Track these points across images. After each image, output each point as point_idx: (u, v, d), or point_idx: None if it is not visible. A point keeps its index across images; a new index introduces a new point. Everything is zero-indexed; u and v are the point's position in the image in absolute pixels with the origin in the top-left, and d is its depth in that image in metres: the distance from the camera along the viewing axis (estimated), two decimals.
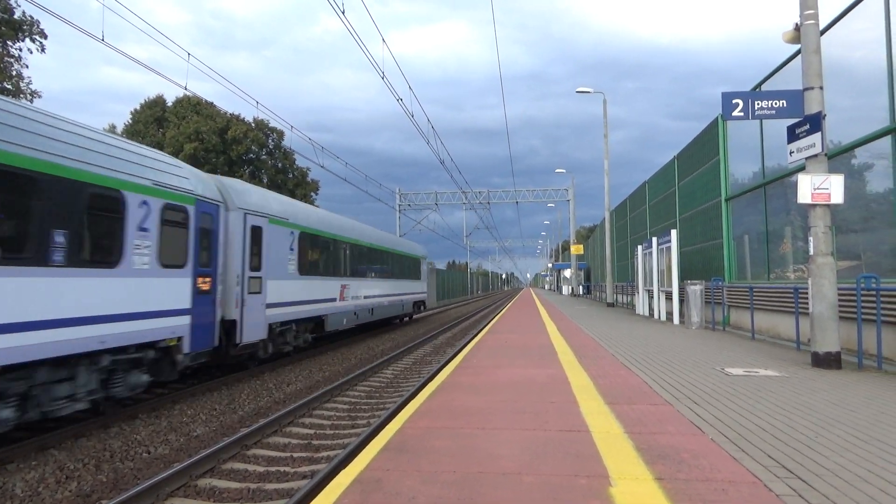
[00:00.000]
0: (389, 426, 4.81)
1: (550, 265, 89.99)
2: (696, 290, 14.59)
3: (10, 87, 27.80)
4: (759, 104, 8.59)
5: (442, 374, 7.57)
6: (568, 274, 55.40)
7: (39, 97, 29.44)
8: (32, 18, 27.95)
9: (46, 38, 28.70)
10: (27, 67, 29.02)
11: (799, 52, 8.49)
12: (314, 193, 52.47)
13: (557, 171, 48.48)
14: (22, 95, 28.15)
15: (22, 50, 28.43)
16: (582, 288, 48.83)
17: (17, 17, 27.52)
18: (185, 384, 10.22)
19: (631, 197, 28.61)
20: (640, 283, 20.80)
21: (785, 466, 3.70)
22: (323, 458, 6.49)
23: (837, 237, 9.55)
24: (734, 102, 8.73)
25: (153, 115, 46.57)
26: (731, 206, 15.05)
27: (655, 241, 17.93)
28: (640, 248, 20.70)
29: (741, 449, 4.08)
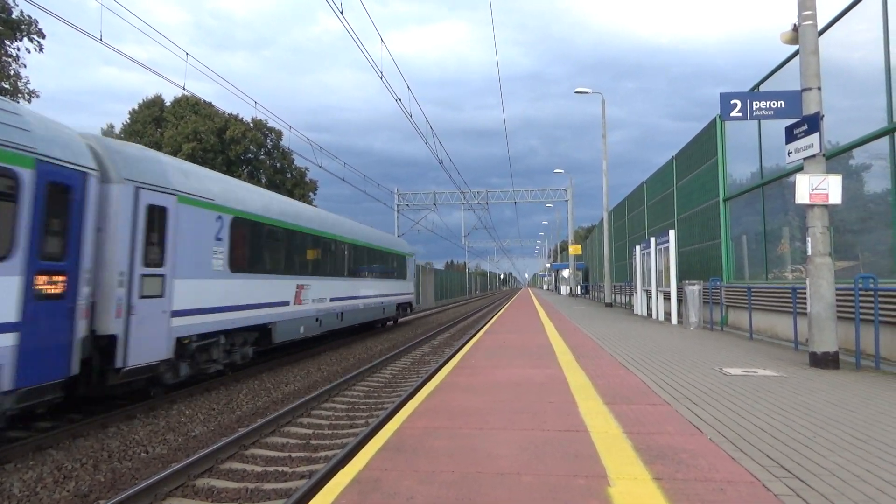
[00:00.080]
0: (388, 426, 4.81)
1: (549, 265, 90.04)
2: (694, 290, 14.61)
3: (7, 86, 27.75)
4: (757, 105, 8.60)
5: (440, 374, 7.57)
6: (566, 274, 55.43)
7: (37, 97, 29.43)
8: (30, 18, 27.91)
9: (44, 37, 28.66)
10: (25, 67, 28.98)
11: (797, 52, 8.51)
12: (312, 193, 52.43)
13: (556, 171, 48.53)
14: (20, 95, 28.11)
15: (20, 49, 28.40)
16: (580, 288, 48.87)
17: (15, 16, 27.48)
18: (182, 384, 10.21)
19: (629, 197, 28.64)
20: (638, 283, 20.82)
21: (783, 466, 3.71)
22: (321, 457, 6.49)
23: (835, 237, 9.57)
24: (732, 103, 8.75)
25: (151, 115, 46.51)
26: (729, 206, 15.07)
27: (654, 241, 17.94)
28: (638, 248, 20.71)
29: (739, 449, 4.08)
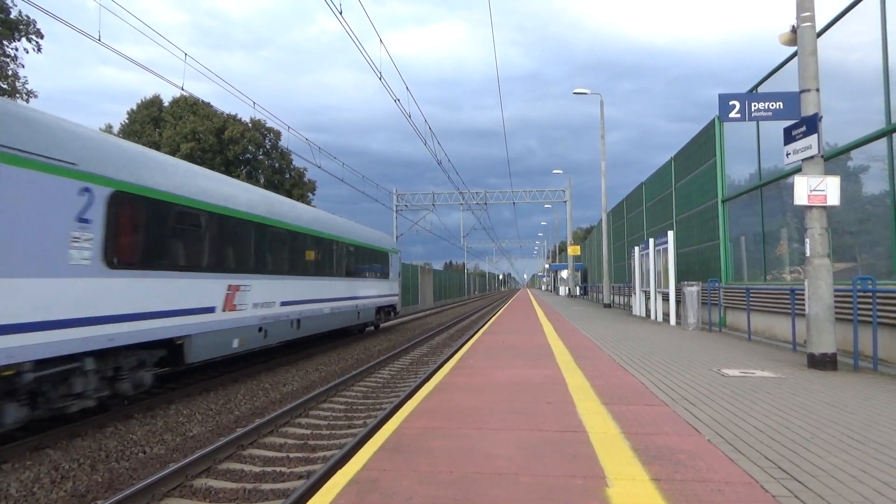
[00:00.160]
0: (386, 426, 4.80)
1: (547, 266, 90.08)
2: (692, 291, 14.62)
3: (5, 86, 27.71)
4: (755, 106, 8.61)
5: (439, 374, 7.57)
6: (565, 275, 55.44)
7: (35, 97, 29.40)
8: (28, 18, 27.91)
9: (42, 37, 28.68)
10: (23, 67, 28.98)
11: (795, 54, 8.52)
12: (311, 193, 52.45)
13: (554, 171, 48.59)
14: (18, 95, 28.07)
15: (18, 49, 28.39)
16: (579, 289, 48.89)
17: (13, 16, 27.45)
18: (180, 384, 10.20)
19: (628, 198, 28.67)
20: (636, 284, 20.83)
21: (781, 467, 3.71)
22: (319, 458, 6.48)
23: (833, 239, 9.58)
24: (731, 104, 8.76)
25: (150, 115, 46.52)
26: (727, 207, 15.09)
27: (652, 242, 17.95)
28: (637, 249, 20.72)
29: (737, 450, 4.08)
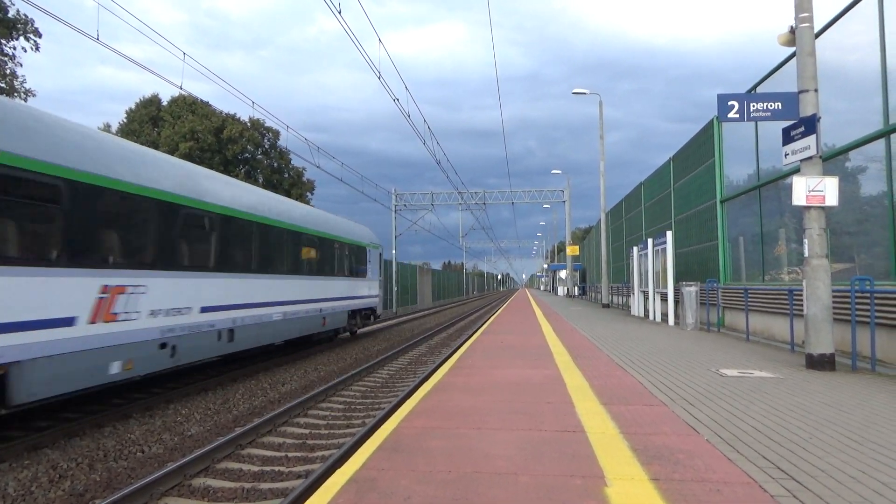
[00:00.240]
0: (385, 426, 4.80)
1: (546, 266, 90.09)
2: (691, 291, 14.63)
3: (3, 85, 27.65)
4: (754, 106, 8.62)
5: (437, 374, 7.57)
6: (563, 275, 55.44)
7: (34, 96, 29.34)
8: (27, 17, 27.84)
9: (41, 36, 28.61)
10: (21, 66, 28.89)
11: (794, 54, 8.53)
12: (310, 193, 52.38)
13: (553, 172, 48.57)
14: (16, 94, 28.01)
15: (16, 49, 28.32)
16: (577, 289, 48.88)
17: (11, 15, 27.39)
18: (180, 383, 10.19)
19: (626, 198, 28.69)
20: (635, 284, 20.84)
21: (779, 467, 3.71)
22: (318, 457, 6.47)
23: (832, 240, 9.59)
24: (730, 104, 8.77)
25: (148, 114, 46.40)
26: (726, 207, 15.11)
27: (651, 242, 17.96)
28: (635, 249, 20.74)
29: (736, 450, 4.09)
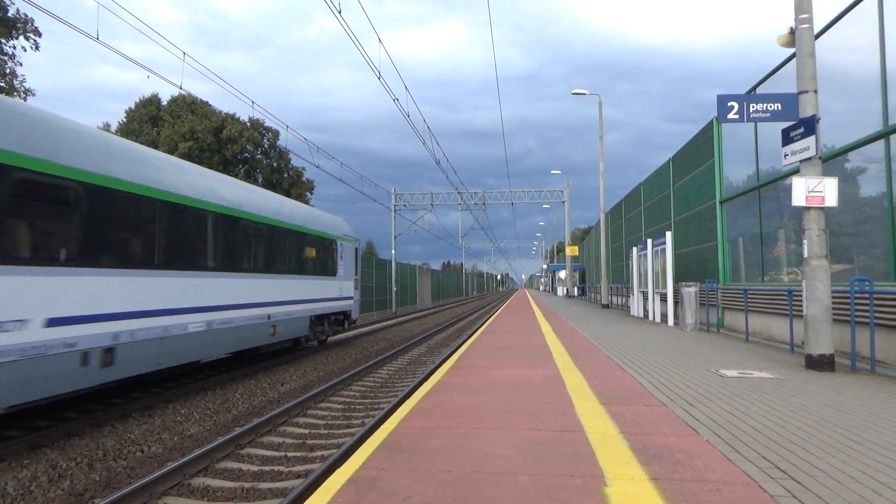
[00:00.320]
0: (384, 426, 4.80)
1: (545, 266, 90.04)
2: (690, 291, 14.64)
3: (3, 85, 27.63)
4: (754, 107, 8.63)
5: (437, 374, 7.57)
6: (563, 275, 55.44)
7: (33, 95, 29.32)
8: (26, 16, 27.81)
9: (41, 35, 28.54)
10: (21, 65, 28.85)
11: (793, 55, 8.54)
12: (309, 193, 52.35)
13: (553, 172, 48.51)
14: (16, 93, 27.99)
15: (16, 48, 28.28)
16: (577, 289, 48.89)
17: (10, 14, 27.37)
18: (179, 383, 10.18)
19: (626, 199, 28.69)
20: (634, 284, 20.85)
21: (779, 467, 3.72)
22: (317, 457, 6.47)
23: (831, 240, 9.60)
24: (730, 105, 8.77)
25: (148, 113, 46.38)
26: (725, 208, 15.11)
27: (650, 242, 17.97)
28: (635, 249, 20.75)
29: (735, 450, 4.09)
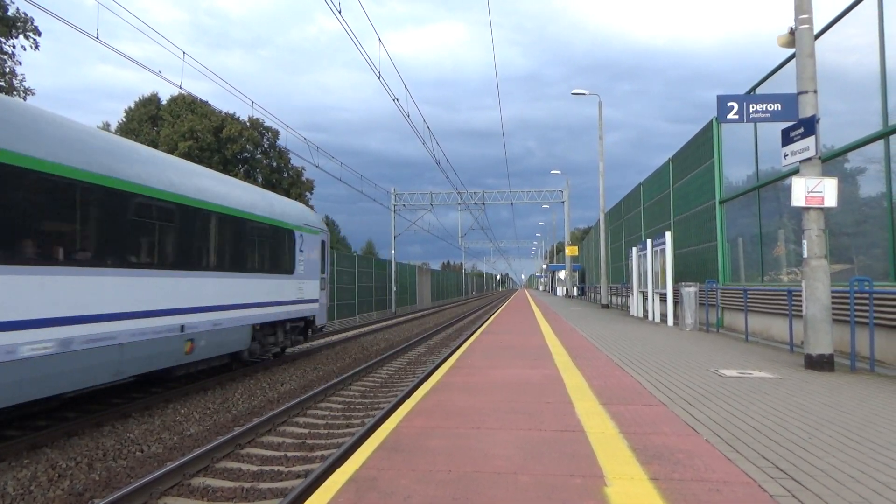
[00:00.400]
0: (384, 425, 4.80)
1: (545, 266, 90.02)
2: (690, 291, 14.64)
3: (2, 84, 27.61)
4: (754, 107, 8.63)
5: (437, 373, 7.58)
6: (562, 275, 55.44)
7: (33, 94, 29.31)
8: (26, 15, 27.79)
9: (40, 35, 28.54)
10: (20, 65, 28.85)
11: (793, 56, 8.54)
12: (309, 193, 52.35)
13: (553, 172, 48.52)
14: (15, 92, 27.98)
15: (15, 47, 28.27)
16: (576, 289, 48.90)
17: (10, 13, 27.35)
18: (178, 383, 10.18)
19: (626, 199, 28.70)
20: (634, 284, 20.85)
21: (778, 467, 3.72)
22: (317, 457, 6.47)
23: (830, 240, 9.60)
24: (729, 105, 8.78)
25: (148, 113, 46.39)
26: (725, 208, 15.12)
27: (650, 242, 17.98)
28: (634, 249, 20.75)
29: (735, 450, 4.09)
